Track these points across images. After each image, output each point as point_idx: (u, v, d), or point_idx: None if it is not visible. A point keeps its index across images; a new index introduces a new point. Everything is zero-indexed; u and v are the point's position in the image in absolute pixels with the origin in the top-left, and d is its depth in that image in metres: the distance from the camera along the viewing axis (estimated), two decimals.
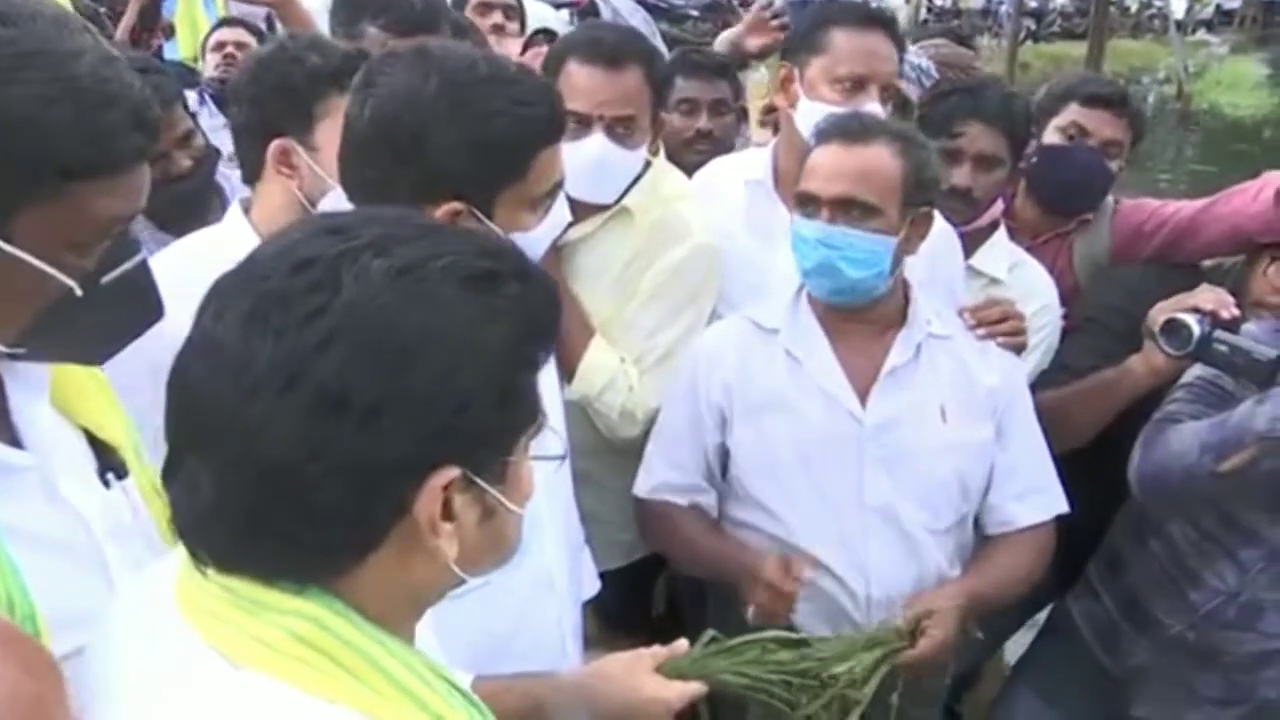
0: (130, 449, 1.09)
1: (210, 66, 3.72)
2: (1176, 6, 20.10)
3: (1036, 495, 1.83)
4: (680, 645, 1.29)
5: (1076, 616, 2.10)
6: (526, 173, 1.27)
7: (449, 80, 1.22)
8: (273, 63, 1.57)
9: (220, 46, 3.71)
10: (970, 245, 2.16)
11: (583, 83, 1.85)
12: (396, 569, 0.76)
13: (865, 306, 1.76)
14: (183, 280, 1.03)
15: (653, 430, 1.89)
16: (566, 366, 1.88)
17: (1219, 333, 1.80)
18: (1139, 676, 2.01)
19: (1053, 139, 2.30)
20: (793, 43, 2.10)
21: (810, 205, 1.70)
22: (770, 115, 2.39)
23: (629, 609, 2.12)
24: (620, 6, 3.68)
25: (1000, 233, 2.23)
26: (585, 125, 1.84)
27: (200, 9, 4.57)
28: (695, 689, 1.25)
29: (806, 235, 1.70)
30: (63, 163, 0.87)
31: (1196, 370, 1.89)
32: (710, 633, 1.36)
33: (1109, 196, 2.35)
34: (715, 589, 1.91)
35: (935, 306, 1.85)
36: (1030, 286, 2.14)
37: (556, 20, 4.09)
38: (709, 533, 1.84)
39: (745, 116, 2.85)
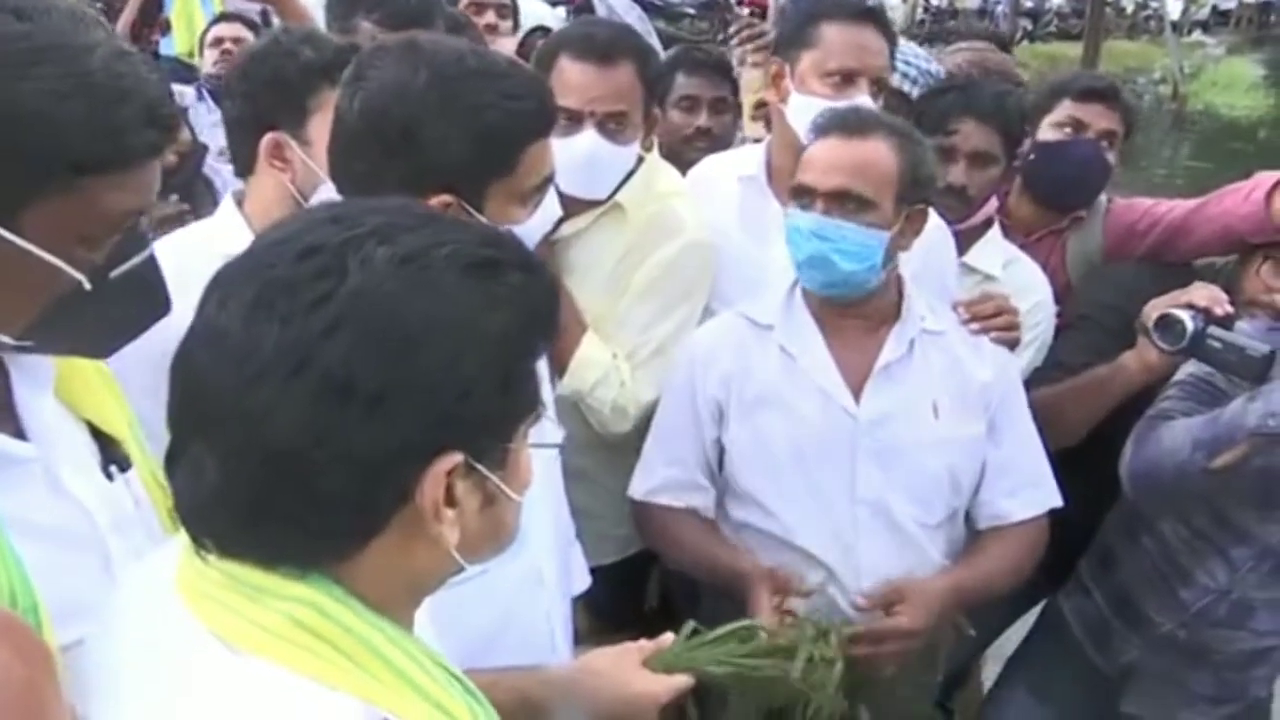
0: (133, 441, 1.10)
1: (208, 62, 3.73)
2: (1172, 7, 20.11)
3: (1028, 490, 1.83)
4: (666, 639, 1.30)
5: (1068, 614, 2.10)
6: (516, 166, 1.26)
7: (438, 73, 1.22)
8: (266, 56, 1.56)
9: (218, 42, 3.72)
10: (965, 242, 2.16)
11: (574, 79, 1.84)
12: (398, 555, 0.76)
13: (859, 301, 1.76)
14: (176, 273, 1.04)
15: (650, 430, 1.88)
16: (559, 362, 1.88)
17: (1212, 329, 1.80)
18: (1130, 674, 2.01)
19: (1048, 135, 2.30)
20: (784, 38, 2.10)
21: (805, 197, 1.70)
22: (761, 110, 2.39)
23: (621, 604, 2.11)
24: (615, 4, 3.68)
25: (994, 230, 2.24)
26: (577, 121, 1.84)
27: (196, 5, 4.57)
28: (683, 682, 1.26)
29: (801, 226, 1.70)
30: (75, 158, 0.88)
31: (1189, 368, 1.89)
32: (691, 624, 1.37)
33: (1102, 195, 2.35)
34: (709, 585, 1.91)
35: (929, 302, 1.85)
36: (1024, 283, 2.14)
37: (553, 18, 4.09)
38: (705, 537, 1.84)
39: (740, 113, 2.85)
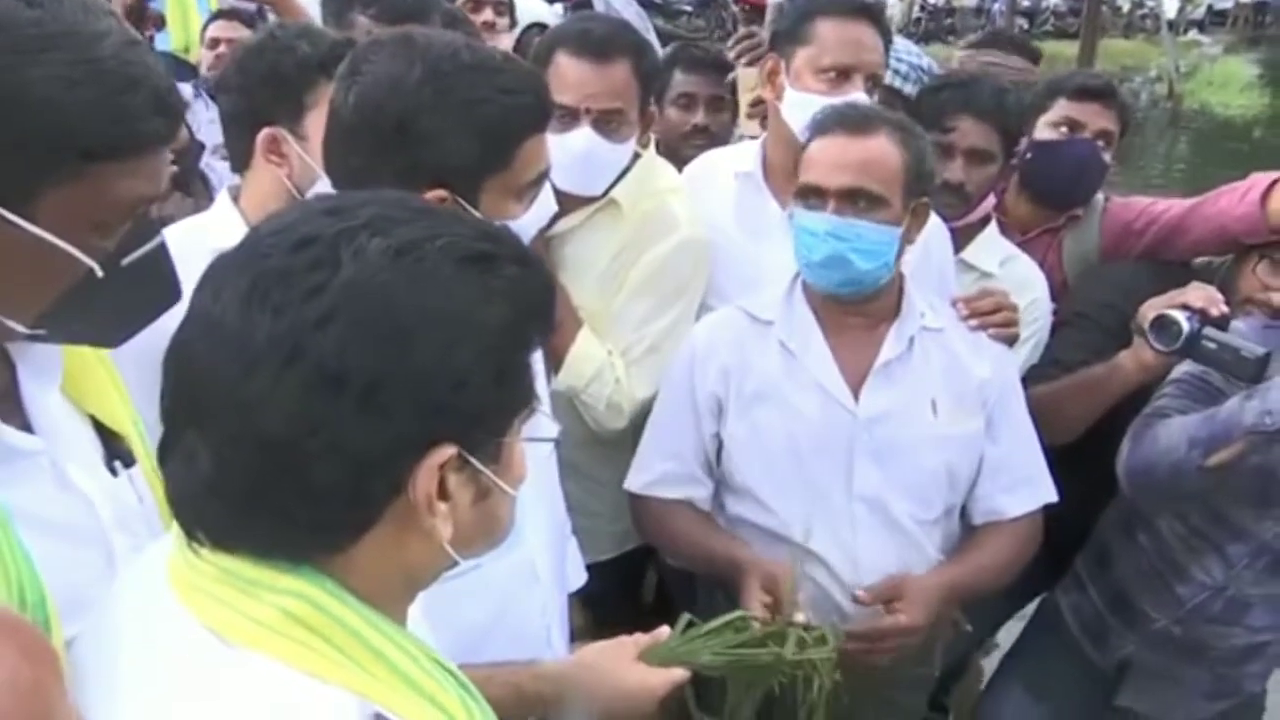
0: (136, 437, 1.10)
1: (205, 65, 3.71)
2: (1168, 6, 20.12)
3: (1024, 487, 1.83)
4: (662, 632, 1.29)
5: (1064, 610, 2.10)
6: (511, 161, 1.26)
7: (433, 68, 1.21)
8: (263, 51, 1.56)
9: (214, 43, 3.70)
10: (962, 240, 2.17)
11: (571, 75, 1.84)
12: (391, 549, 0.76)
13: (865, 298, 1.76)
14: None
15: (647, 423, 1.88)
16: (553, 357, 1.88)
17: (1208, 330, 1.80)
18: (1126, 670, 2.02)
19: (1044, 135, 2.30)
20: (779, 34, 2.10)
21: (814, 197, 1.68)
22: (758, 108, 2.39)
23: (618, 600, 2.12)
24: (614, 0, 3.67)
25: (991, 227, 2.24)
26: (573, 118, 1.84)
27: (191, 2, 4.55)
28: (679, 675, 1.26)
29: (814, 228, 1.68)
30: (86, 144, 0.88)
31: (1185, 366, 1.89)
32: (687, 617, 1.37)
33: (1099, 194, 2.35)
34: (702, 575, 1.91)
35: (928, 299, 1.85)
36: (1022, 280, 2.15)
37: (550, 14, 4.08)
38: (701, 528, 1.83)
39: (738, 111, 2.84)
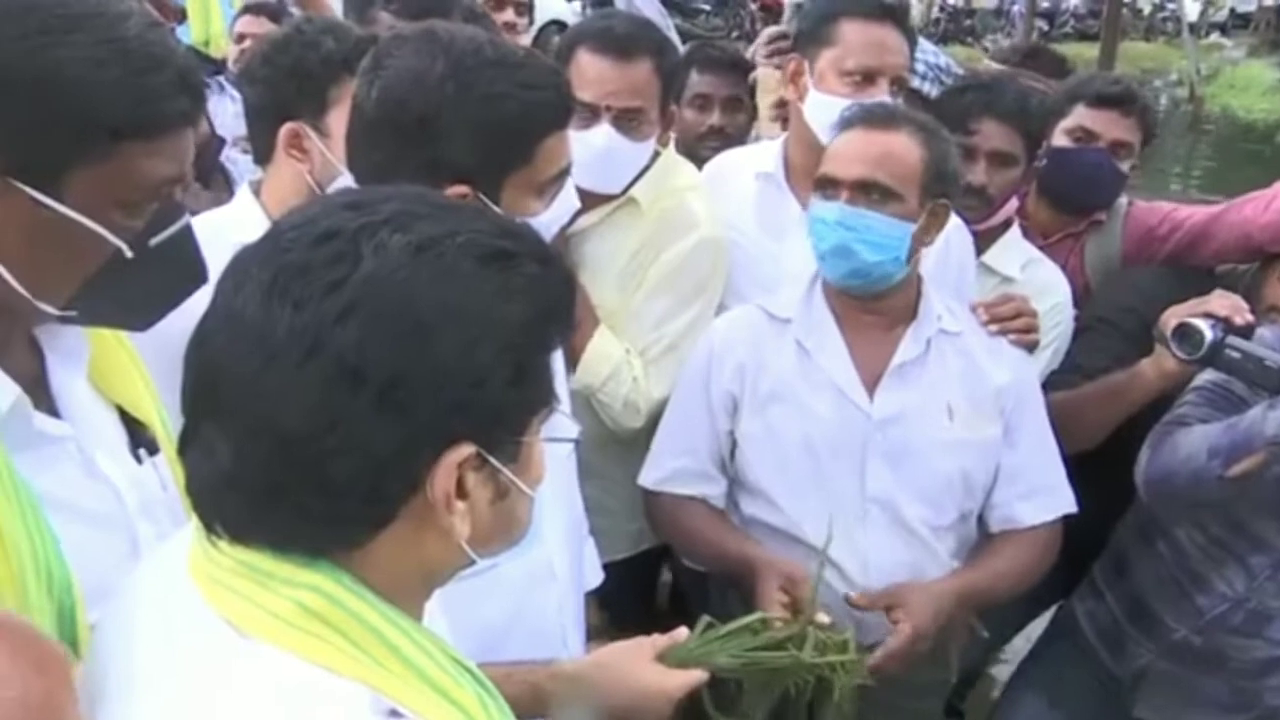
0: (160, 426, 1.10)
1: (230, 59, 3.72)
2: (1190, 9, 19.96)
3: (1042, 495, 1.82)
4: (680, 633, 1.29)
5: (1081, 617, 2.09)
6: (533, 157, 1.25)
7: (455, 63, 1.21)
8: (288, 45, 1.56)
9: (240, 39, 3.70)
10: (983, 243, 2.15)
11: (592, 72, 1.84)
12: (408, 546, 0.76)
13: (879, 296, 1.75)
14: None
15: (662, 419, 1.88)
16: (570, 356, 1.88)
17: (1231, 339, 1.78)
18: (1143, 680, 2.00)
19: (1061, 142, 2.28)
20: (803, 34, 2.09)
21: (830, 188, 1.70)
22: (782, 110, 2.38)
23: (633, 600, 2.11)
24: None
25: (1014, 231, 2.22)
26: (593, 115, 1.84)
27: None
28: (697, 676, 1.26)
29: (825, 217, 1.69)
30: (112, 123, 0.89)
31: (1208, 374, 1.87)
32: (706, 619, 1.37)
33: (1122, 198, 2.33)
34: (715, 576, 1.90)
35: (947, 302, 1.84)
36: (1043, 284, 2.13)
37: (569, 12, 4.08)
38: (715, 525, 1.83)
39: (756, 113, 2.83)
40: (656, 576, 2.39)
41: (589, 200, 1.84)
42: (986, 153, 2.11)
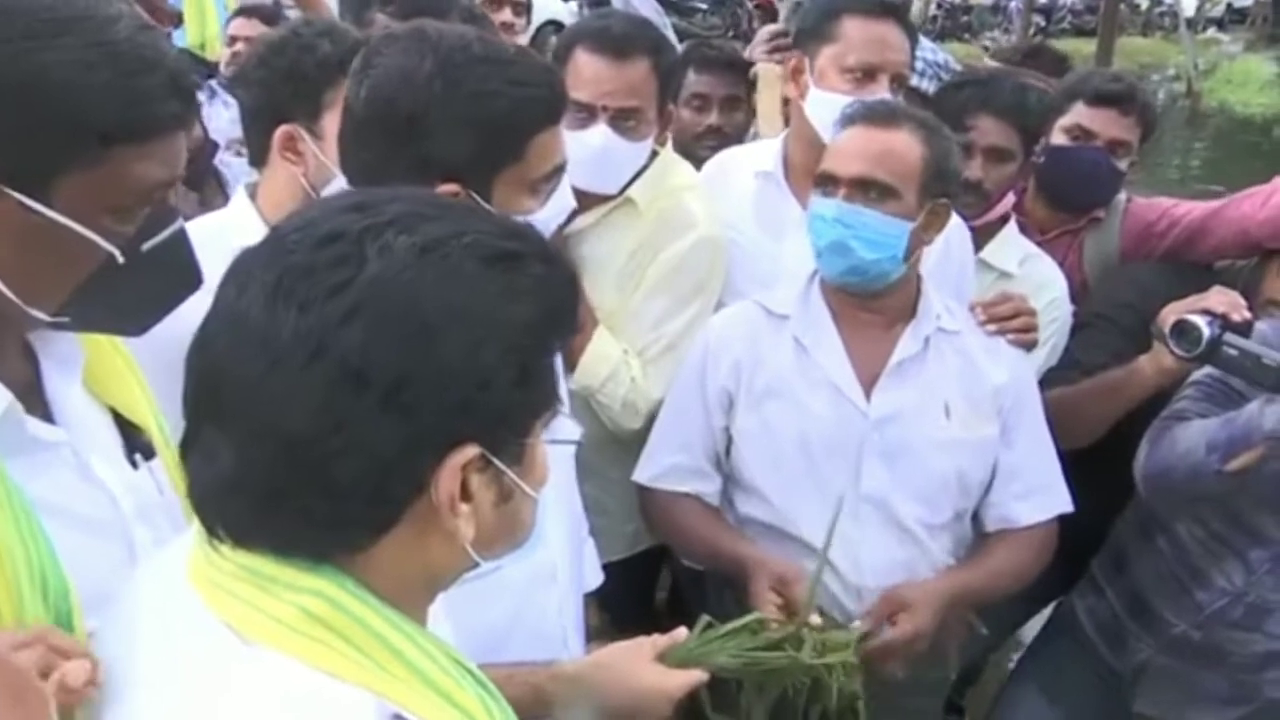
0: (157, 430, 1.10)
1: (223, 62, 3.71)
2: (1187, 4, 19.92)
3: (1039, 495, 1.82)
4: (679, 633, 1.29)
5: (1080, 613, 2.09)
6: (524, 154, 1.24)
7: (444, 60, 1.20)
8: (284, 48, 1.56)
9: (233, 41, 3.69)
10: (981, 239, 2.15)
11: (589, 72, 1.84)
12: (412, 549, 0.76)
13: (877, 293, 1.75)
14: None
15: (658, 415, 1.88)
16: (569, 357, 1.87)
17: (1229, 336, 1.78)
18: (1143, 674, 2.00)
19: (1059, 139, 2.28)
20: (803, 31, 2.09)
21: (829, 184, 1.70)
22: (788, 106, 2.38)
23: (632, 600, 2.11)
24: None
25: (1011, 226, 2.22)
26: (590, 115, 1.83)
27: None
28: (696, 676, 1.26)
29: (823, 213, 1.70)
30: (102, 127, 0.88)
31: (1206, 368, 1.87)
32: (705, 619, 1.37)
33: (1121, 194, 2.33)
34: (713, 574, 1.90)
35: (946, 301, 1.84)
36: (1041, 280, 2.13)
37: (565, 12, 4.08)
38: (709, 522, 1.83)
39: (753, 111, 2.83)
40: (656, 577, 2.39)
41: (586, 200, 1.84)
42: (983, 148, 2.11)
